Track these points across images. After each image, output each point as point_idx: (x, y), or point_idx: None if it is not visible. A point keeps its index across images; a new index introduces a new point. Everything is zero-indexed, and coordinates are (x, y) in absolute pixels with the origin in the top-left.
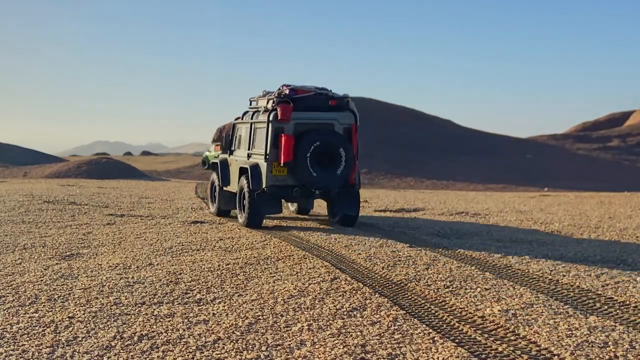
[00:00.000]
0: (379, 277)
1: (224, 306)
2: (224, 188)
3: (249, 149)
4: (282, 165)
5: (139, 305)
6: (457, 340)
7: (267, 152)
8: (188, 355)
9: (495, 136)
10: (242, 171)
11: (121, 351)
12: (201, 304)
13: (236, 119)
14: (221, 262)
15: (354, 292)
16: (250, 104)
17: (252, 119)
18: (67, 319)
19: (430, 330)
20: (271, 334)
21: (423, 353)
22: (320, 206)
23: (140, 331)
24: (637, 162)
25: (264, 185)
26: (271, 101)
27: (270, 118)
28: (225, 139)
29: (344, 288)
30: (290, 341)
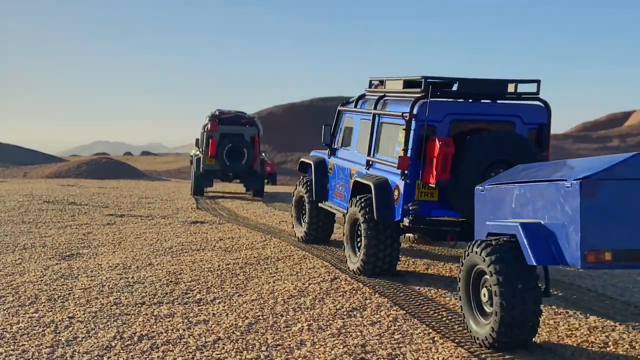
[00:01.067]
0: (379, 277)
1: (224, 306)
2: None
3: (200, 148)
4: (210, 157)
5: (139, 305)
6: (457, 340)
7: (203, 149)
8: (188, 355)
9: None
10: (194, 161)
11: (121, 351)
12: (201, 304)
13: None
14: (221, 262)
15: (354, 292)
16: (205, 120)
17: (202, 129)
18: (67, 319)
19: (430, 330)
20: (271, 334)
21: (423, 353)
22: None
23: (140, 331)
24: None
25: (201, 170)
26: (208, 118)
27: (205, 129)
28: (197, 141)
29: (344, 288)
30: (290, 341)
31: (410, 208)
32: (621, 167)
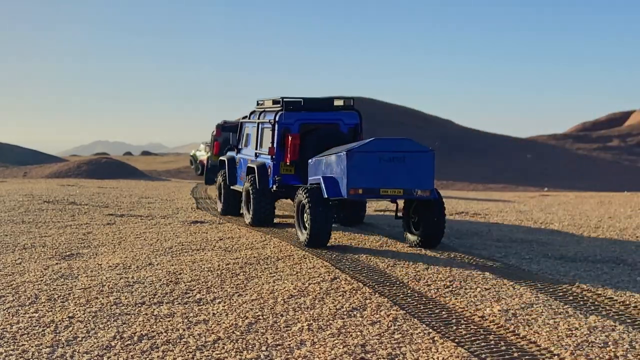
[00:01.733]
0: (379, 277)
1: (224, 306)
2: None
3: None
4: (215, 155)
5: (139, 305)
6: (457, 340)
7: (210, 149)
8: (188, 355)
9: (495, 136)
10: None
11: (121, 351)
12: (201, 304)
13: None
14: (221, 262)
15: (354, 292)
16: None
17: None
18: (67, 319)
19: (430, 330)
20: (271, 334)
21: (423, 353)
22: None
23: (140, 331)
24: (637, 162)
25: (209, 165)
26: (215, 126)
27: (212, 134)
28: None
29: (344, 288)
30: (290, 341)
31: (277, 179)
32: (367, 145)
